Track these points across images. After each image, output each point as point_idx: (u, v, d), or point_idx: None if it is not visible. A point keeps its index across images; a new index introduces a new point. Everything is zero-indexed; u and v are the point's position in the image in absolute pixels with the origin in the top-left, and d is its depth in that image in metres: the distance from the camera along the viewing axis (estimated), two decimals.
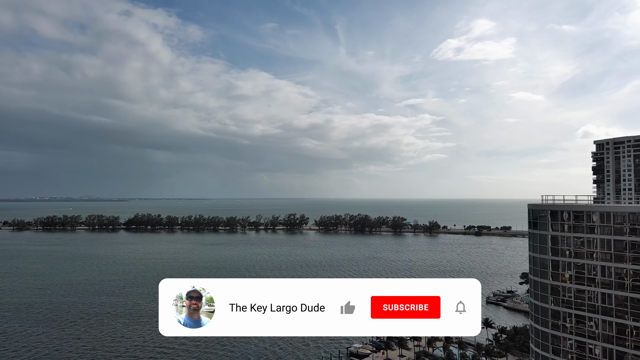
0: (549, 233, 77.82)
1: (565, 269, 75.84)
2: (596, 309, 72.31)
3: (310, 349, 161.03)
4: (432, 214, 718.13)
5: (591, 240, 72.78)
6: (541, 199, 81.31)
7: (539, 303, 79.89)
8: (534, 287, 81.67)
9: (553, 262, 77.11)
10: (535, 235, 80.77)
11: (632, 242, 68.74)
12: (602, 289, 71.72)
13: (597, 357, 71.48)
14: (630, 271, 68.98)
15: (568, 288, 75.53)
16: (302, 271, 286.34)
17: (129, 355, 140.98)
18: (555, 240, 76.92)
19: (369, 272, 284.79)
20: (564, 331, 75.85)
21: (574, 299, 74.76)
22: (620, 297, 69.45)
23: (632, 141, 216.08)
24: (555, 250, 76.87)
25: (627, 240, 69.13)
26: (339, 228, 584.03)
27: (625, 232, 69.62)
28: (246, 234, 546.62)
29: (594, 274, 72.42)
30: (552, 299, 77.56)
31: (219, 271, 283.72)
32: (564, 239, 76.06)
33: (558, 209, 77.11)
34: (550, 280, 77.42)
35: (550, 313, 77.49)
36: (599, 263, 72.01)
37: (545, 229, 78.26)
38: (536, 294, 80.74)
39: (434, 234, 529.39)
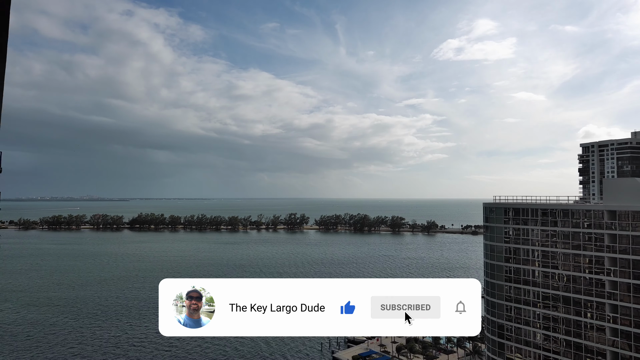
0: (497, 225, 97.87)
1: (510, 253, 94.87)
2: (530, 282, 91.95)
3: (312, 336, 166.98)
4: (432, 214, 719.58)
5: (528, 230, 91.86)
6: (493, 198, 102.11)
7: (489, 280, 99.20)
8: (488, 268, 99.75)
9: (504, 248, 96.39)
10: (488, 227, 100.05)
11: (561, 231, 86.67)
12: (538, 268, 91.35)
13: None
14: (561, 254, 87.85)
15: (513, 268, 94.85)
16: (303, 268, 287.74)
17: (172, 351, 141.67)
18: (501, 230, 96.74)
19: (368, 269, 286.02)
20: (508, 300, 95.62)
21: (513, 275, 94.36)
22: (550, 273, 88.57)
23: (615, 144, 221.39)
24: (505, 240, 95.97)
25: (558, 230, 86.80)
26: (338, 227, 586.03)
27: (556, 225, 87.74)
28: (248, 233, 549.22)
29: (533, 257, 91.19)
30: (504, 277, 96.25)
31: (226, 269, 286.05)
32: (507, 229, 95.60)
33: (503, 206, 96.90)
34: (503, 262, 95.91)
35: (498, 287, 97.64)
36: (536, 248, 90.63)
37: (495, 222, 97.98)
38: (487, 273, 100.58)
39: (432, 233, 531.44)
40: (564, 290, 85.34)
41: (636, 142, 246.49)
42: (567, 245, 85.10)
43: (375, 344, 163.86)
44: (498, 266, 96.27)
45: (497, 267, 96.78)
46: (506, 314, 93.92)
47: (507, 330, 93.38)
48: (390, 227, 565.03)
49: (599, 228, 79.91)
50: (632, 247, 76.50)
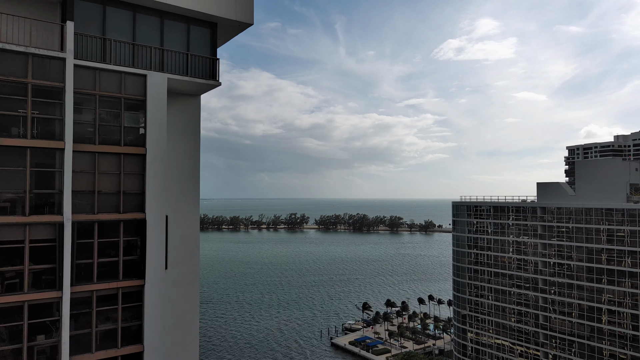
0: (461, 219, 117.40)
1: (472, 241, 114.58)
2: (485, 264, 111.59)
3: (312, 325, 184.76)
4: (432, 214, 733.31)
5: (484, 223, 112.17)
6: (460, 198, 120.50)
7: (455, 263, 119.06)
8: (456, 254, 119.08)
9: (466, 237, 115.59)
10: (455, 221, 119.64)
11: (518, 224, 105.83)
12: (492, 252, 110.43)
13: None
14: (513, 242, 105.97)
15: (476, 253, 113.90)
16: (303, 266, 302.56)
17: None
18: (465, 223, 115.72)
19: (366, 267, 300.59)
20: (470, 279, 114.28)
21: (474, 258, 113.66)
22: (499, 257, 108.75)
23: (598, 147, 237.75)
24: (467, 230, 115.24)
25: (511, 222, 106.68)
26: (338, 227, 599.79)
27: (509, 218, 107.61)
28: (249, 233, 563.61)
29: (489, 243, 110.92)
30: (468, 260, 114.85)
31: (232, 265, 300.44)
32: (471, 223, 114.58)
33: (466, 204, 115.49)
34: (466, 249, 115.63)
35: (462, 269, 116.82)
36: (491, 237, 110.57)
37: (460, 217, 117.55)
38: (456, 257, 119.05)
39: (429, 233, 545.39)
40: (514, 270, 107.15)
41: (618, 145, 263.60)
42: (517, 235, 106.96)
43: (370, 331, 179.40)
44: (462, 252, 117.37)
45: (461, 252, 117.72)
46: (468, 290, 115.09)
47: (471, 295, 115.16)
48: (389, 226, 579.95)
49: (534, 221, 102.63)
50: (556, 234, 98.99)
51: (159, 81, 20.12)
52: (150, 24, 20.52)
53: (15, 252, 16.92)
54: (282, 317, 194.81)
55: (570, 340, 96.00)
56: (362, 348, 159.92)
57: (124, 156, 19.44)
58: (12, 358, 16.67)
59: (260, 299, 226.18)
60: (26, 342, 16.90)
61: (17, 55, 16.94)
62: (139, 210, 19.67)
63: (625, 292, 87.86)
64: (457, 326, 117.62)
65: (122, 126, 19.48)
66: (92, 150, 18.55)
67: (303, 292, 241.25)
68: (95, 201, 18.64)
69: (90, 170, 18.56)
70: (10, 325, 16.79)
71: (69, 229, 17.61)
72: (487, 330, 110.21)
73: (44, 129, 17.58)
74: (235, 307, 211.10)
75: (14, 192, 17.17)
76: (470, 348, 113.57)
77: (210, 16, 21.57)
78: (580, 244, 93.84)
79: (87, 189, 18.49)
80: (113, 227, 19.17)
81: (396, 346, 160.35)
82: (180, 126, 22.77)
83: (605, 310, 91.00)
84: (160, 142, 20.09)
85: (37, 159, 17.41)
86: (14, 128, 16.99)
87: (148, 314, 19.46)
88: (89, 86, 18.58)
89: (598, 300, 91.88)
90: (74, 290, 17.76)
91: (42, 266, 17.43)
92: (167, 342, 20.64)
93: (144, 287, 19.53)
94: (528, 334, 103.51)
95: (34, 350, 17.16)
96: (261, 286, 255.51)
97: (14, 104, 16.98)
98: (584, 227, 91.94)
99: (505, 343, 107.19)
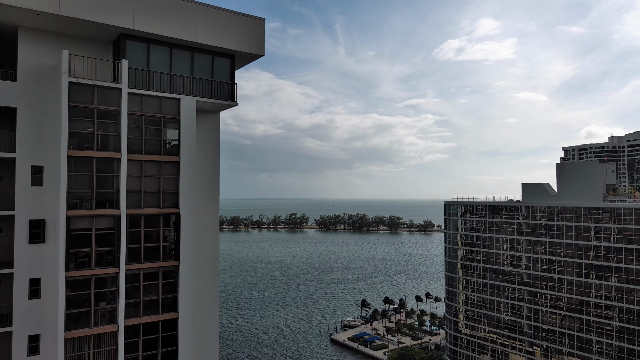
0: (453, 218, 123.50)
1: (463, 237, 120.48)
2: (474, 260, 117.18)
3: (312, 321, 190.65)
4: (431, 214, 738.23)
5: (473, 221, 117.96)
6: (451, 197, 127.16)
7: (448, 259, 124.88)
8: (448, 250, 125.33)
9: (457, 235, 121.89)
10: (447, 219, 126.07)
11: (504, 222, 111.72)
12: (480, 249, 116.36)
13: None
14: (504, 239, 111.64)
15: (466, 249, 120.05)
16: (304, 265, 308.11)
17: None
18: (456, 221, 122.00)
19: (365, 266, 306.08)
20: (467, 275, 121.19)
21: (465, 254, 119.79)
22: (491, 253, 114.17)
23: (593, 148, 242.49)
24: (459, 228, 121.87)
25: (501, 221, 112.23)
26: (337, 227, 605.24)
27: (498, 217, 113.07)
28: (249, 233, 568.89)
29: (478, 240, 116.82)
30: (460, 256, 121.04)
31: (234, 264, 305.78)
32: (461, 221, 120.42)
33: (457, 204, 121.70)
34: (458, 246, 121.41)
35: (454, 264, 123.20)
36: (488, 234, 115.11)
37: (451, 216, 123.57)
38: (448, 254, 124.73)
39: (428, 232, 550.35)
40: (500, 265, 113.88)
41: (613, 146, 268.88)
42: (503, 232, 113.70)
43: (368, 327, 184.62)
44: (453, 249, 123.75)
45: (452, 249, 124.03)
46: (461, 284, 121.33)
47: (465, 290, 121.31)
48: (388, 226, 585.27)
49: (518, 219, 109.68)
50: (532, 231, 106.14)
51: (190, 103, 25.27)
52: (183, 57, 25.69)
53: (85, 237, 22.09)
54: (284, 315, 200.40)
55: (561, 332, 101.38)
56: (360, 344, 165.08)
57: (163, 163, 24.59)
58: (84, 318, 21.84)
59: (262, 297, 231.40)
60: (93, 306, 22.08)
61: (86, 87, 22.10)
62: (174, 206, 24.81)
63: (612, 287, 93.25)
64: (448, 318, 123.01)
65: (161, 139, 24.65)
66: (140, 159, 23.69)
67: (303, 290, 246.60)
68: (142, 199, 23.79)
69: (138, 174, 23.71)
70: (81, 293, 21.92)
71: (124, 220, 22.78)
72: (478, 322, 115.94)
73: (105, 143, 22.75)
74: (240, 304, 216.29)
75: (84, 192, 22.33)
76: (461, 339, 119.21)
77: (229, 50, 26.74)
78: (560, 241, 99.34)
79: (136, 189, 23.63)
80: (155, 219, 24.31)
81: (393, 342, 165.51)
82: (204, 137, 27.90)
83: (593, 304, 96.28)
84: (191, 151, 25.23)
85: (100, 166, 22.58)
86: (84, 143, 22.16)
87: (182, 288, 24.61)
88: (137, 108, 23.73)
89: (587, 294, 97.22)
90: (128, 268, 22.92)
91: (104, 248, 22.60)
92: (196, 312, 25.78)
93: (178, 267, 24.67)
94: (514, 324, 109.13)
95: (99, 313, 22.34)
96: (263, 284, 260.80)
97: (84, 124, 22.15)
98: (564, 224, 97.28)
99: (494, 336, 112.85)
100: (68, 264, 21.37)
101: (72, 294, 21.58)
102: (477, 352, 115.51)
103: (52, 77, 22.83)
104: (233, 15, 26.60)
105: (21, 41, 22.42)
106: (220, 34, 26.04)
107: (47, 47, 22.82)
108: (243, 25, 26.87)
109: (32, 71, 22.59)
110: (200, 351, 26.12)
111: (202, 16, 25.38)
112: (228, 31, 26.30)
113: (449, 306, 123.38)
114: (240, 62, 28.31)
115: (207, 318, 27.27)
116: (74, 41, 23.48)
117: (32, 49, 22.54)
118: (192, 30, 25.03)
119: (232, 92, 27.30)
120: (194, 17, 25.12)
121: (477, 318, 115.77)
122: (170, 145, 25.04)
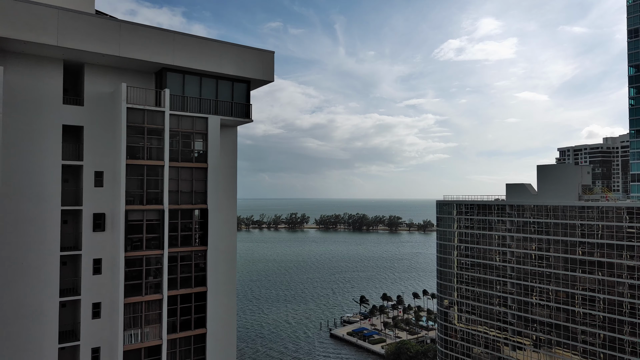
0: (445, 216, 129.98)
1: (456, 234, 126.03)
2: (468, 256, 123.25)
3: (313, 317, 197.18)
4: (431, 214, 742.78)
5: (471, 219, 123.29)
6: (443, 197, 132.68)
7: (440, 255, 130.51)
8: (439, 247, 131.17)
9: (448, 232, 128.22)
10: (440, 217, 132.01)
11: (497, 219, 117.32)
12: (469, 245, 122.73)
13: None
14: (496, 236, 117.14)
15: (458, 245, 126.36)
16: (304, 263, 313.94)
17: None
18: (448, 219, 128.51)
19: (364, 265, 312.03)
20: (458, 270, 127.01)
21: (458, 250, 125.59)
22: (484, 249, 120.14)
23: (587, 149, 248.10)
24: (450, 225, 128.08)
25: (494, 219, 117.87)
26: (338, 226, 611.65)
27: (493, 215, 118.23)
28: (250, 232, 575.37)
29: (472, 237, 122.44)
30: (454, 252, 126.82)
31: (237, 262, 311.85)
32: (452, 219, 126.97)
33: (449, 202, 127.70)
34: (455, 242, 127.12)
35: (447, 259, 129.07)
36: (474, 231, 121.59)
37: (444, 214, 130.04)
38: (440, 250, 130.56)
39: (428, 232, 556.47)
40: (487, 260, 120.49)
41: (606, 147, 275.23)
42: (489, 229, 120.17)
43: (367, 323, 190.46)
44: (447, 245, 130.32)
45: (445, 245, 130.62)
46: (454, 278, 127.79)
47: (460, 283, 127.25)
48: (388, 226, 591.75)
49: (507, 216, 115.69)
50: (516, 228, 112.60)
51: (215, 121, 31.77)
52: (210, 84, 32.20)
53: (138, 226, 28.65)
54: (285, 311, 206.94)
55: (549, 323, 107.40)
56: (359, 338, 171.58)
57: (195, 169, 31.10)
58: (137, 288, 28.42)
59: (264, 294, 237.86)
60: (144, 279, 28.62)
61: (139, 111, 28.65)
62: (203, 203, 31.31)
63: (596, 280, 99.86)
64: (440, 310, 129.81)
65: (193, 150, 31.16)
66: (177, 165, 30.21)
67: (304, 288, 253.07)
68: (179, 197, 30.32)
69: (176, 177, 30.23)
70: (136, 269, 28.48)
71: (167, 214, 29.30)
72: (468, 314, 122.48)
73: (152, 154, 29.29)
74: (241, 302, 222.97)
75: (137, 191, 28.88)
76: (452, 329, 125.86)
77: (246, 77, 33.25)
78: (547, 237, 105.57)
79: (174, 189, 30.16)
80: (189, 213, 30.84)
81: (391, 336, 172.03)
82: (225, 147, 34.36)
83: (579, 296, 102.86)
84: (216, 159, 31.72)
85: (149, 172, 29.12)
86: (136, 153, 28.69)
87: (209, 267, 31.13)
88: (175, 126, 30.25)
89: (572, 287, 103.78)
90: (169, 251, 29.44)
91: (152, 235, 29.14)
92: (220, 288, 32.28)
93: (206, 251, 31.18)
94: (506, 317, 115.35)
95: (148, 285, 28.89)
96: (264, 282, 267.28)
97: (137, 139, 28.69)
98: (543, 221, 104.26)
99: (483, 328, 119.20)
100: (126, 247, 27.93)
101: (128, 270, 28.13)
102: (470, 343, 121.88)
103: (109, 102, 29.38)
104: (249, 50, 33.13)
105: (87, 74, 28.95)
106: (239, 65, 32.55)
107: (107, 78, 29.37)
108: (257, 57, 33.42)
109: (95, 97, 29.14)
110: (223, 318, 32.60)
111: (225, 51, 31.90)
112: (245, 62, 32.82)
113: (440, 299, 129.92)
114: (254, 85, 34.80)
115: (227, 293, 33.77)
116: (127, 73, 30.02)
117: (95, 81, 29.08)
118: (218, 62, 31.56)
119: (248, 111, 33.81)
120: (219, 53, 31.65)
121: (468, 310, 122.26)
122: (199, 154, 31.54)
